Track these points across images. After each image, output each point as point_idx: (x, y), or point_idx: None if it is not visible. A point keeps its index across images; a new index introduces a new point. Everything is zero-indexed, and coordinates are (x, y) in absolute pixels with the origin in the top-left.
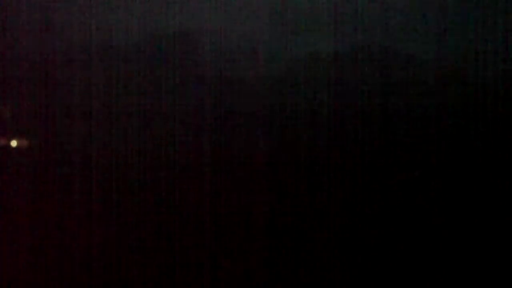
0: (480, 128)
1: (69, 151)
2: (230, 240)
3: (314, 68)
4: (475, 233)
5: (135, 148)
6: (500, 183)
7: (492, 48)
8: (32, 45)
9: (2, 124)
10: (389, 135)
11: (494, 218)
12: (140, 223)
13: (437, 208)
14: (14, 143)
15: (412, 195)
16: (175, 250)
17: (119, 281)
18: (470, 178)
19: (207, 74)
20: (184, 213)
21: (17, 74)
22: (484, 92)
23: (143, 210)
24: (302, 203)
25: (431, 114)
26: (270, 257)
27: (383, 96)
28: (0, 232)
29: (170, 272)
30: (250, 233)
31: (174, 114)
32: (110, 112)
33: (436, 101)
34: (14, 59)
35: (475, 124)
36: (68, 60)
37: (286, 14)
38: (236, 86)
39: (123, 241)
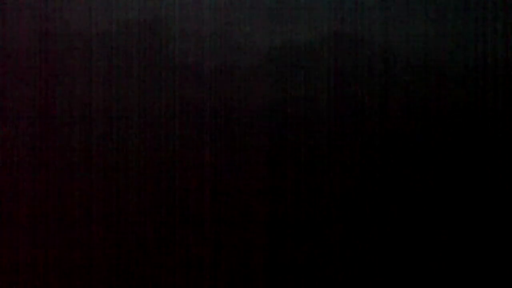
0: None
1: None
2: (230, 240)
3: (290, 57)
4: (474, 233)
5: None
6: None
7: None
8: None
9: None
10: (365, 126)
11: (492, 217)
12: (139, 222)
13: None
14: None
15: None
16: (175, 251)
17: (119, 281)
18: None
19: (180, 62)
20: (184, 209)
21: None
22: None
23: (142, 205)
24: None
25: (412, 106)
26: (270, 259)
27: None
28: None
29: (170, 273)
30: (250, 233)
31: (148, 104)
32: (74, 104)
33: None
34: None
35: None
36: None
37: (264, 2)
38: (211, 75)
39: (123, 242)
